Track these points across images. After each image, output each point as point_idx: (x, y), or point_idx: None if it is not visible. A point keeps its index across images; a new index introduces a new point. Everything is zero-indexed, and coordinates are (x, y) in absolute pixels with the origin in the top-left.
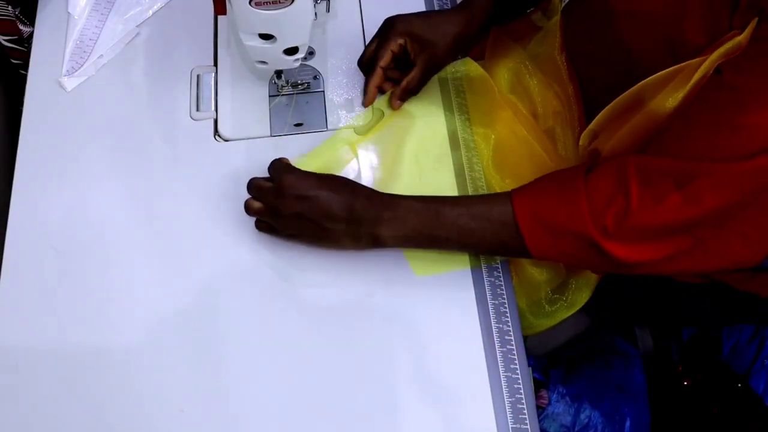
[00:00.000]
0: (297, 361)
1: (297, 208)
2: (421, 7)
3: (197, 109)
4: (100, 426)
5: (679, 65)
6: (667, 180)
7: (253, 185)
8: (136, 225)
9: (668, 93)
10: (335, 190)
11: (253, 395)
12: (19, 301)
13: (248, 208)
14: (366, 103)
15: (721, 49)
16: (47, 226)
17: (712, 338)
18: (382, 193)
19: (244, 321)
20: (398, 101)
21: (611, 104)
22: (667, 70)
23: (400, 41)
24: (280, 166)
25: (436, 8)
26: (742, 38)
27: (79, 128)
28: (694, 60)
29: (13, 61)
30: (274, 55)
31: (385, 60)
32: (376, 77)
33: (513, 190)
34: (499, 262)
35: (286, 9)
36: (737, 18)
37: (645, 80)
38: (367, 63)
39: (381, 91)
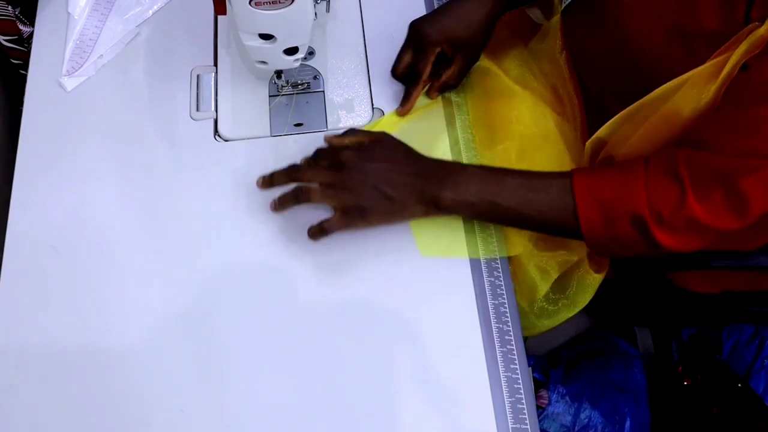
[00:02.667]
0: (296, 362)
1: (362, 178)
2: (420, 7)
3: (197, 109)
4: (100, 426)
5: (700, 67)
6: (716, 176)
7: (302, 168)
8: (136, 225)
9: (694, 94)
10: (397, 156)
11: (252, 395)
12: (19, 301)
13: (309, 194)
14: (404, 112)
15: (744, 44)
16: (47, 226)
17: (712, 338)
18: (444, 160)
19: (244, 321)
20: (436, 93)
21: (626, 111)
22: (686, 74)
23: (437, 50)
24: (333, 147)
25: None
26: (763, 31)
27: (79, 128)
28: (717, 59)
29: (13, 61)
30: (274, 55)
31: (427, 72)
32: (419, 89)
33: (574, 169)
34: (499, 261)
35: (286, 9)
36: (756, 9)
37: (665, 85)
38: (405, 74)
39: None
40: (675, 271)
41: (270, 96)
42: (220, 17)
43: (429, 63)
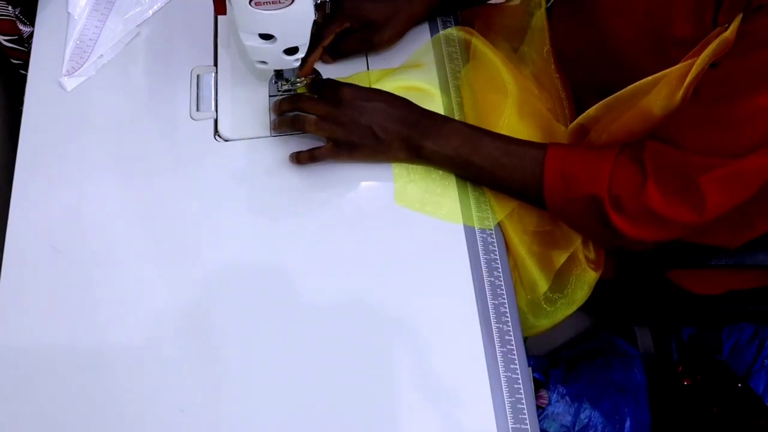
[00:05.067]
0: (296, 362)
1: (356, 116)
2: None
3: (197, 109)
4: (100, 426)
5: (672, 68)
6: (676, 171)
7: (304, 98)
8: (136, 225)
9: (666, 93)
10: (391, 102)
11: (252, 395)
12: (19, 301)
13: (305, 123)
14: (301, 74)
15: (711, 47)
16: (47, 226)
17: (712, 338)
18: (434, 112)
19: (244, 321)
20: (327, 56)
21: (603, 102)
22: (661, 72)
23: (346, 24)
24: (334, 82)
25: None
26: (728, 35)
27: (79, 128)
28: (686, 62)
29: (13, 61)
30: (274, 55)
31: (327, 41)
32: (316, 55)
33: (551, 143)
34: (499, 261)
35: (286, 9)
36: (722, 14)
37: (639, 82)
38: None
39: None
40: (674, 269)
41: (270, 96)
42: (220, 17)
43: (331, 31)
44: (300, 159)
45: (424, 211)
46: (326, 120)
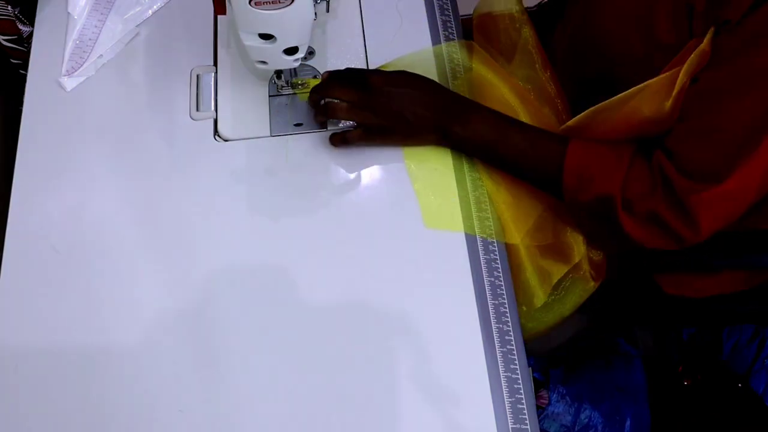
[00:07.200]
0: (296, 362)
1: (387, 102)
2: (420, 7)
3: (197, 109)
4: (100, 426)
5: (656, 78)
6: (673, 187)
7: (333, 86)
8: (136, 225)
9: (652, 102)
10: (421, 87)
11: (252, 395)
12: (19, 301)
13: (336, 109)
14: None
15: (692, 58)
16: (47, 226)
17: (712, 338)
18: (464, 97)
19: (244, 321)
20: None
21: (591, 109)
22: (644, 84)
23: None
24: (358, 69)
25: (436, 8)
26: (704, 46)
27: (79, 128)
28: (669, 72)
29: (13, 61)
30: (274, 55)
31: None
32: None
33: (573, 139)
34: (499, 261)
35: (286, 9)
36: (696, 24)
37: (622, 93)
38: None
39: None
40: (675, 272)
41: (270, 96)
42: (220, 17)
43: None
44: (334, 141)
45: (452, 228)
46: (358, 106)
